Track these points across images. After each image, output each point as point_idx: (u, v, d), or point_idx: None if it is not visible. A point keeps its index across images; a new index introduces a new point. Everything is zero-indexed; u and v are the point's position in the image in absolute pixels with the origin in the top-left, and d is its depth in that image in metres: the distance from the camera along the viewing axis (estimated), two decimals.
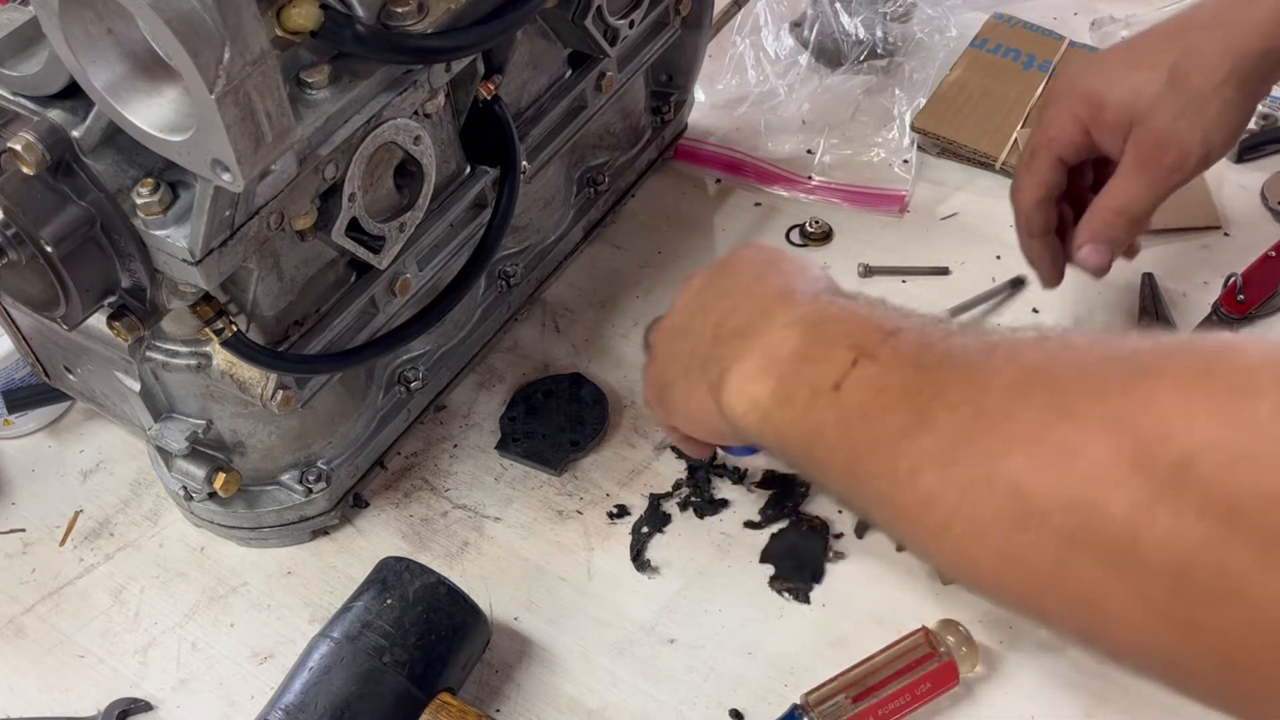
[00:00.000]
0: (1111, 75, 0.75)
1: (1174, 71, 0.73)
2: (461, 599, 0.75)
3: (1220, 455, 0.40)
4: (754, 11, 1.16)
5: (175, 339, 0.74)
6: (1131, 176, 0.76)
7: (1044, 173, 0.79)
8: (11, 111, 0.63)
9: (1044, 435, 0.45)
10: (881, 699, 0.71)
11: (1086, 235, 0.79)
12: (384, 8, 0.67)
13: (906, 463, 0.50)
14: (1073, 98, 0.77)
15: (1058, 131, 0.77)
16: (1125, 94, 0.74)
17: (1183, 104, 0.73)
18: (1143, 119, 0.74)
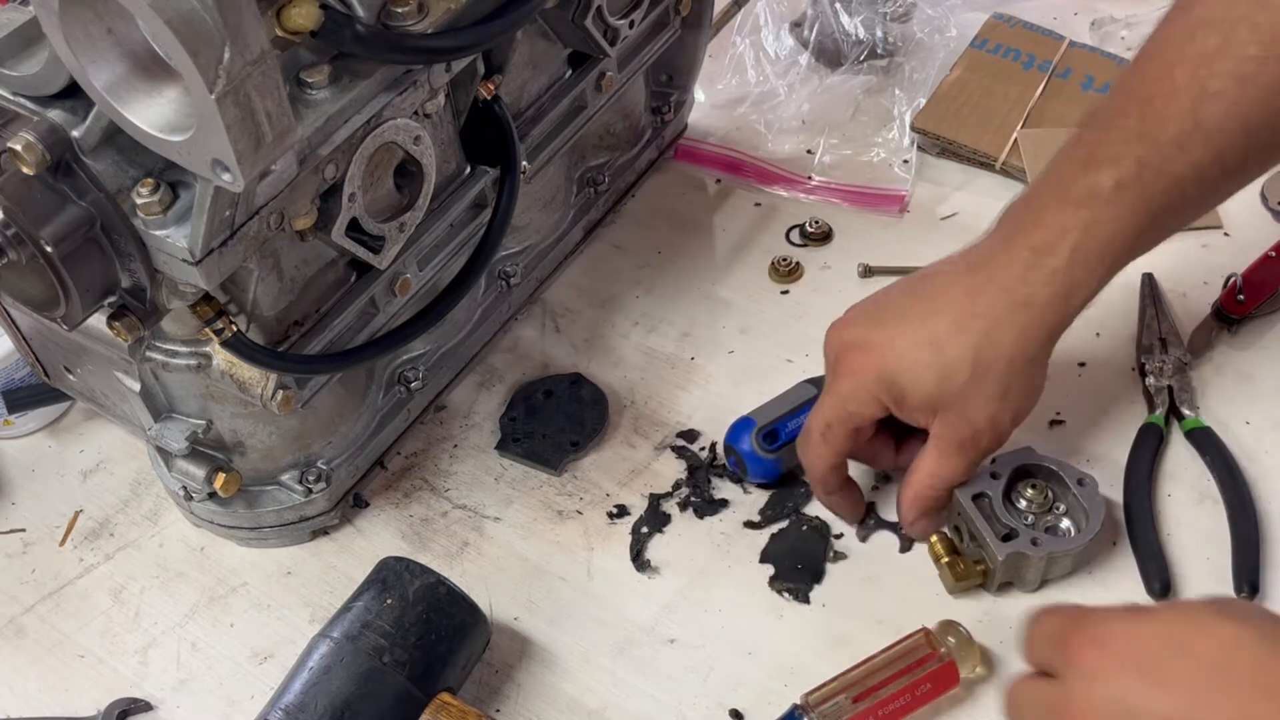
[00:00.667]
0: (914, 359, 0.74)
1: (977, 362, 0.73)
2: (461, 599, 0.75)
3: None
4: (754, 11, 1.16)
5: (175, 339, 0.74)
6: (949, 457, 0.76)
7: (840, 443, 0.78)
8: (11, 111, 0.63)
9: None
10: (882, 699, 0.71)
11: (915, 511, 0.79)
12: (384, 8, 0.67)
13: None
14: (872, 379, 0.75)
15: (857, 408, 0.76)
16: (930, 385, 0.74)
17: (987, 391, 0.73)
18: (950, 407, 0.74)
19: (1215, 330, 0.92)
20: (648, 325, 0.98)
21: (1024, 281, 0.73)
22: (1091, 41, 1.15)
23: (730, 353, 0.95)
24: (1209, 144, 0.70)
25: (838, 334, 0.80)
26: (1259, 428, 0.86)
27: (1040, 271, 0.72)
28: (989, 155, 1.05)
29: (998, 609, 0.78)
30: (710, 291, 1.00)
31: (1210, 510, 0.82)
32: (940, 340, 0.74)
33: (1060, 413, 0.88)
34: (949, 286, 0.76)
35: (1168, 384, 0.87)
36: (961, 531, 0.79)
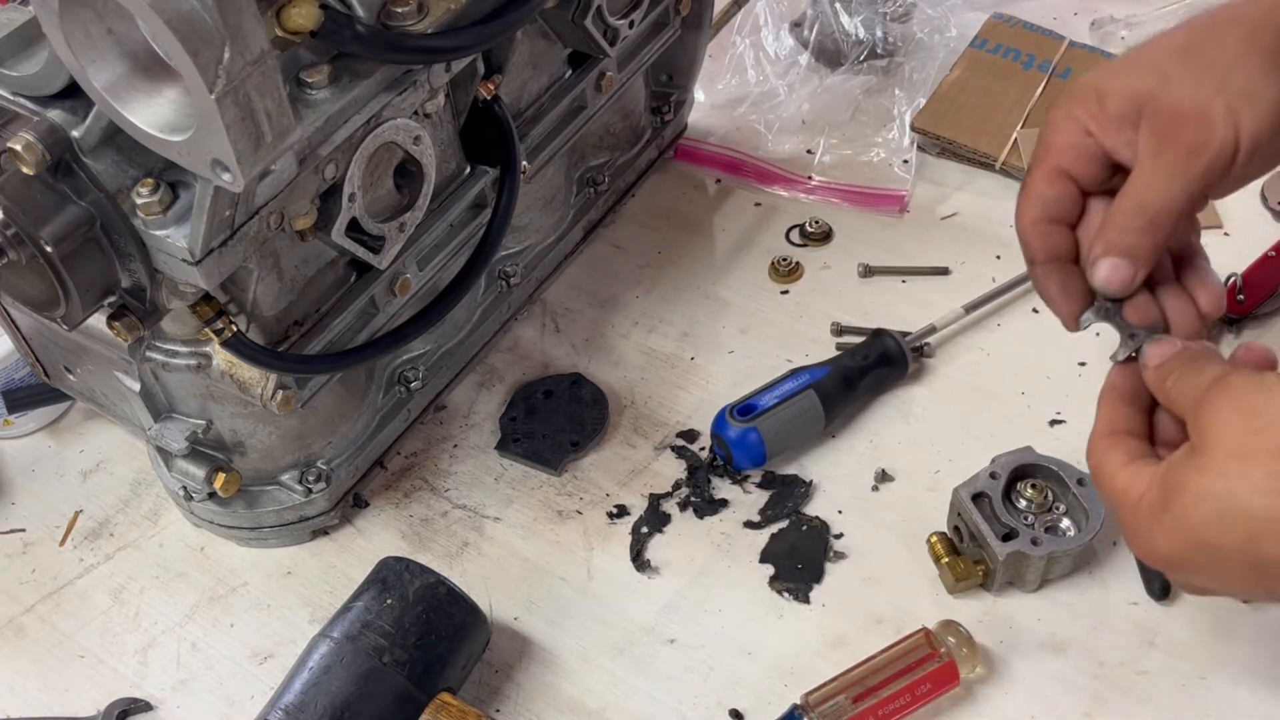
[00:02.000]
0: (1114, 67, 0.65)
1: (1188, 49, 0.62)
2: (461, 599, 0.75)
3: None
4: (754, 11, 1.16)
5: (175, 339, 0.74)
6: (1147, 164, 0.62)
7: (1040, 187, 0.66)
8: (11, 111, 0.63)
9: None
10: (882, 699, 0.71)
11: (1101, 248, 0.64)
12: (384, 8, 0.67)
13: None
14: (1069, 98, 0.66)
15: (1054, 137, 0.66)
16: (1130, 79, 0.63)
17: (1199, 75, 0.61)
18: (1154, 97, 0.62)
19: (1215, 330, 0.92)
20: (648, 325, 0.98)
21: (1227, 6, 0.63)
22: (1091, 41, 1.15)
23: (730, 353, 0.95)
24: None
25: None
26: None
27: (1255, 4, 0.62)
28: (989, 155, 1.05)
29: (998, 609, 0.78)
30: (710, 291, 1.00)
31: None
32: (1148, 45, 0.64)
33: (1060, 413, 0.88)
34: (1159, 35, 0.65)
35: None
36: (961, 531, 0.79)
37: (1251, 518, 0.54)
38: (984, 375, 0.91)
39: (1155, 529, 0.58)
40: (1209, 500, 0.56)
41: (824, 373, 0.87)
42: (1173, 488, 0.58)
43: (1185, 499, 0.57)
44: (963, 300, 0.94)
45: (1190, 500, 0.56)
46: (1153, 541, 0.59)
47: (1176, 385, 0.61)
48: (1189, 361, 0.62)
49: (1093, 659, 0.76)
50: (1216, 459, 0.56)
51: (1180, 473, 0.58)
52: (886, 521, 0.84)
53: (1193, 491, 0.56)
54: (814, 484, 0.86)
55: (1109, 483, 0.62)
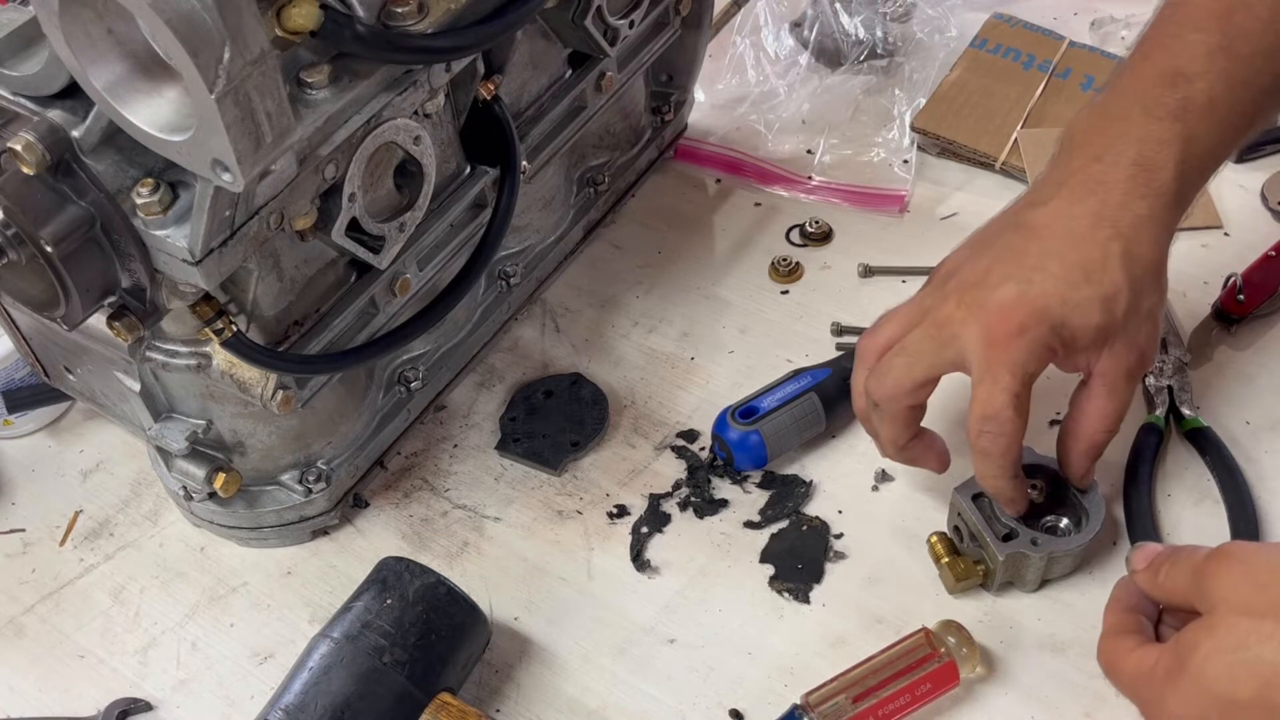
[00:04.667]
0: (1077, 298, 0.71)
1: (1132, 283, 0.71)
2: (461, 599, 0.75)
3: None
4: (754, 11, 1.16)
5: (175, 339, 0.74)
6: (1120, 392, 0.74)
7: (1028, 412, 0.73)
8: (11, 111, 0.63)
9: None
10: (882, 699, 0.71)
11: (1087, 462, 0.76)
12: (384, 8, 0.67)
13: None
14: (1045, 332, 0.71)
15: (1037, 368, 0.72)
16: (1099, 318, 0.71)
17: (1148, 308, 0.72)
18: (1118, 336, 0.72)
19: (1215, 330, 0.92)
20: (648, 325, 0.98)
21: (1139, 196, 0.72)
22: (1091, 41, 1.15)
23: (730, 353, 0.95)
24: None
25: (987, 298, 0.72)
26: (1259, 428, 0.86)
27: (1151, 186, 0.72)
28: (989, 155, 1.05)
29: (998, 609, 0.78)
30: (710, 291, 1.00)
31: (1210, 510, 0.82)
32: (1091, 270, 0.71)
33: (1060, 413, 0.88)
34: (1068, 219, 0.73)
35: (1168, 384, 0.87)
36: (961, 531, 0.79)
37: (1266, 665, 0.57)
38: None
39: (1171, 692, 0.61)
40: (1222, 655, 0.59)
41: (825, 374, 0.87)
42: (1186, 649, 0.61)
43: (1198, 657, 0.60)
44: None
45: (1203, 657, 0.60)
46: (1167, 705, 0.61)
47: (1170, 572, 0.66)
48: (1175, 551, 0.67)
49: (1093, 659, 0.75)
50: (1226, 617, 0.60)
51: (1191, 636, 0.61)
52: (886, 521, 0.84)
53: (1205, 649, 0.60)
54: (814, 484, 0.86)
55: (1123, 665, 0.66)
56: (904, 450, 0.79)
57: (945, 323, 0.73)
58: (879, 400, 0.77)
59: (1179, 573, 0.65)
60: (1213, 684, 0.59)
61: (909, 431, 0.78)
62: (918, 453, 0.79)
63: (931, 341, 0.74)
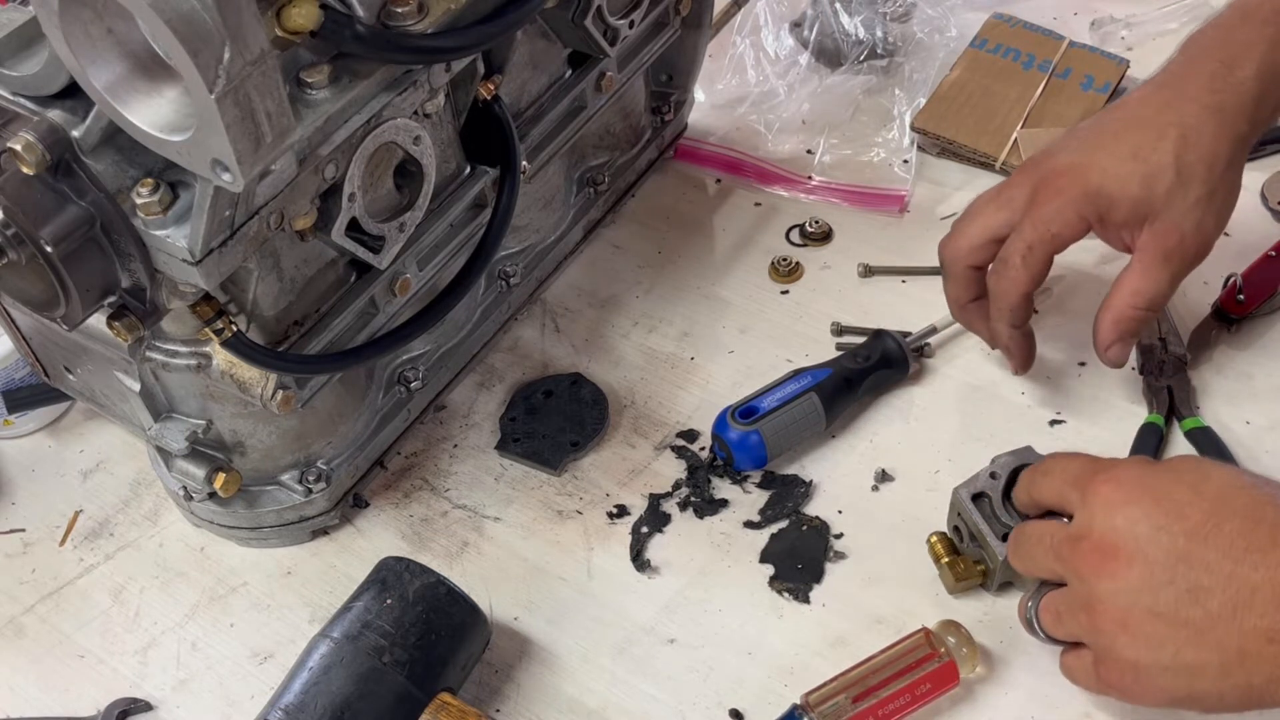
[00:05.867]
0: (1118, 170, 0.75)
1: (1180, 164, 0.74)
2: (461, 599, 0.75)
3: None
4: (754, 11, 1.16)
5: (175, 339, 0.74)
6: (1154, 271, 0.76)
7: (1038, 268, 0.78)
8: (11, 111, 0.63)
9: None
10: (881, 699, 0.71)
11: (1114, 334, 0.78)
12: (384, 8, 0.67)
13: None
14: (1078, 195, 0.75)
15: (1062, 228, 0.76)
16: (1136, 191, 0.74)
17: (1193, 194, 0.74)
18: (1159, 214, 0.74)
19: (1215, 330, 0.92)
20: (648, 325, 0.98)
21: (1212, 90, 0.74)
22: (1091, 41, 1.15)
23: (730, 353, 0.95)
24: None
25: (1034, 165, 0.79)
26: (1259, 428, 0.86)
27: (1229, 80, 0.74)
28: (989, 155, 1.05)
29: (998, 609, 0.78)
30: (710, 291, 1.00)
31: None
32: (1141, 149, 0.74)
33: (1060, 413, 0.88)
34: (1141, 104, 0.77)
35: (1168, 384, 0.87)
36: (961, 531, 0.79)
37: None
38: (984, 375, 0.91)
39: None
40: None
41: (825, 374, 0.87)
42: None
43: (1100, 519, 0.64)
44: None
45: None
46: None
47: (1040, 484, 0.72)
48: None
49: None
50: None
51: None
52: (886, 521, 0.84)
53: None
54: (814, 484, 0.86)
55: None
56: (963, 311, 0.85)
57: (1007, 187, 0.80)
58: (942, 259, 0.83)
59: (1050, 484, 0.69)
60: None
61: (968, 292, 0.83)
62: (975, 317, 0.84)
63: (992, 204, 0.80)
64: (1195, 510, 0.61)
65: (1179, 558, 0.60)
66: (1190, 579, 0.60)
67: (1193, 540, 0.60)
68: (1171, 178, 0.74)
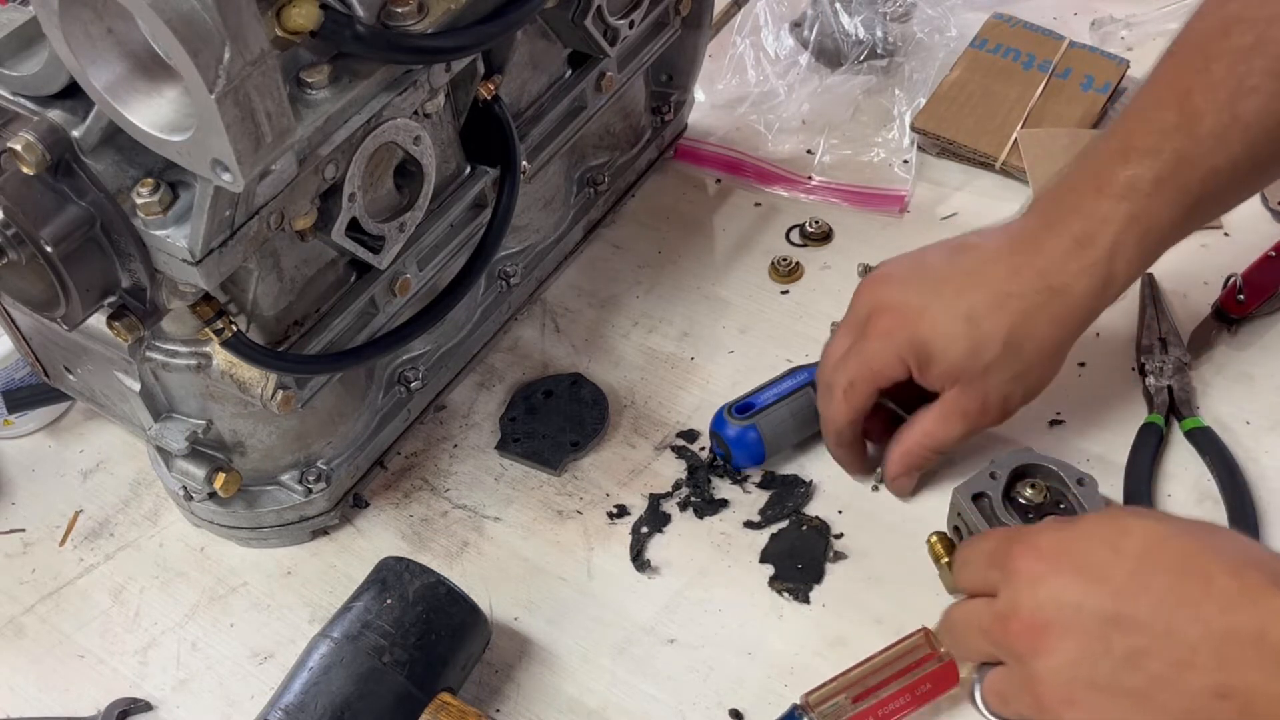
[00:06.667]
0: (948, 329, 0.75)
1: (1008, 343, 0.74)
2: (461, 599, 0.75)
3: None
4: (754, 11, 1.16)
5: (175, 339, 0.74)
6: (950, 421, 0.78)
7: (861, 401, 0.80)
8: (11, 111, 0.63)
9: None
10: (881, 699, 0.71)
11: (900, 468, 0.82)
12: (384, 8, 0.67)
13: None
14: (903, 341, 0.76)
15: (881, 368, 0.78)
16: (958, 355, 0.75)
17: (1014, 372, 0.75)
18: (970, 380, 0.76)
19: (1215, 330, 0.92)
20: (648, 325, 0.98)
21: (1063, 270, 0.74)
22: (1091, 41, 1.15)
23: (730, 353, 0.95)
24: (1245, 138, 0.71)
25: (873, 291, 0.80)
26: (1259, 428, 0.86)
27: (1080, 261, 0.73)
28: (989, 155, 1.05)
29: None
30: (710, 291, 1.00)
31: (1210, 510, 0.82)
32: (977, 315, 0.75)
33: (1060, 413, 0.88)
34: (990, 262, 0.76)
35: (1168, 384, 0.87)
36: (961, 531, 0.79)
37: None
38: None
39: None
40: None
41: None
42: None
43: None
44: None
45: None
46: None
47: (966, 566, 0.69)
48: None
49: None
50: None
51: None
52: (886, 521, 0.84)
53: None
54: (814, 484, 0.86)
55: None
56: (836, 450, 0.85)
57: (851, 310, 0.81)
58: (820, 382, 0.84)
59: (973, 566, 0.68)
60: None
61: (849, 440, 0.84)
62: (846, 458, 0.85)
63: (841, 329, 0.82)
64: (1118, 570, 0.58)
65: (1109, 623, 0.57)
66: (1125, 644, 0.57)
67: (1121, 601, 0.57)
68: (996, 352, 0.74)
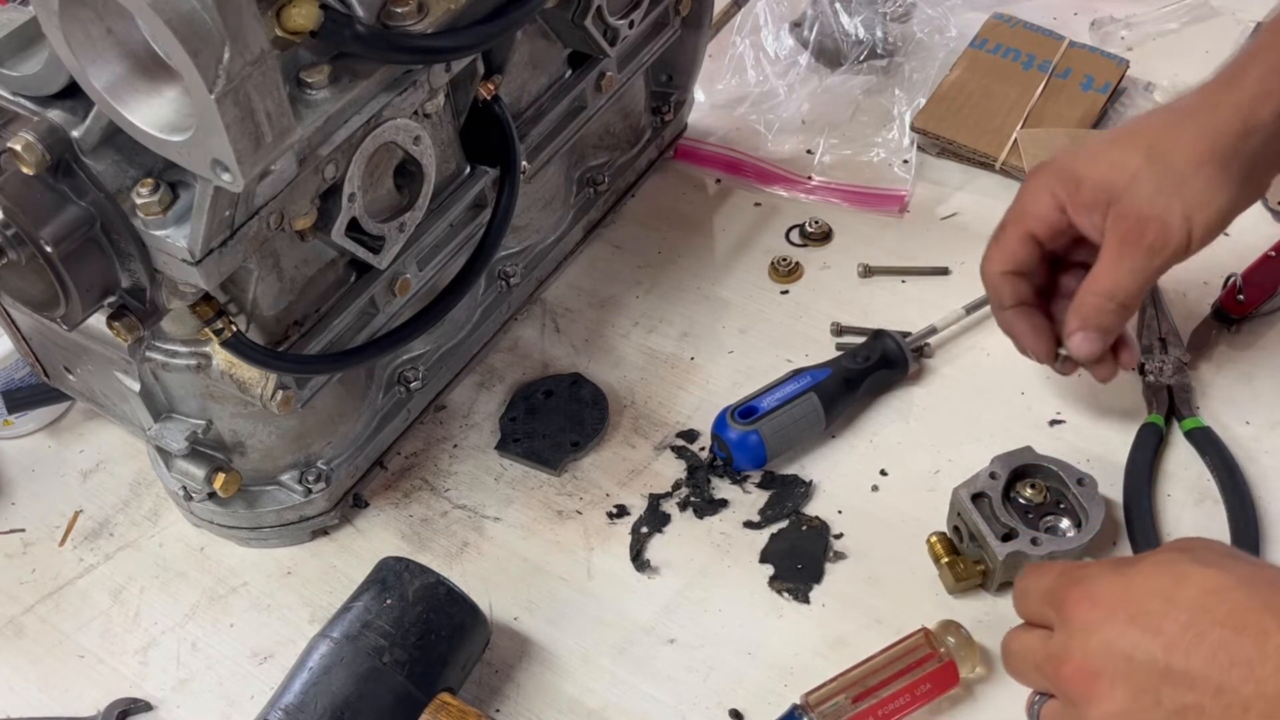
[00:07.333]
0: (1092, 150, 0.75)
1: (1152, 149, 0.73)
2: (461, 599, 0.75)
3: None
4: (754, 11, 1.16)
5: (175, 339, 0.74)
6: (1114, 258, 0.74)
7: (1011, 246, 0.78)
8: (11, 111, 0.63)
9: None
10: (881, 699, 0.71)
11: (1075, 323, 0.77)
12: (384, 8, 0.67)
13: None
14: (1049, 174, 0.76)
15: (1030, 206, 0.77)
16: (1103, 170, 0.74)
17: (1160, 179, 0.72)
18: (1120, 196, 0.73)
19: (1215, 330, 0.92)
20: (648, 325, 0.98)
21: (1205, 100, 0.74)
22: (1091, 41, 1.15)
23: (730, 353, 0.95)
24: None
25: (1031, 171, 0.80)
26: (1259, 428, 0.86)
27: (1223, 88, 0.73)
28: (989, 155, 1.05)
29: (998, 609, 0.78)
30: (710, 291, 1.00)
31: (1210, 510, 0.82)
32: (1122, 134, 0.76)
33: (1060, 413, 0.88)
34: (1150, 111, 0.78)
35: (1168, 384, 0.87)
36: (961, 531, 0.79)
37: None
38: (984, 375, 0.91)
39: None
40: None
41: (825, 374, 0.87)
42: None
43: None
44: (963, 300, 0.94)
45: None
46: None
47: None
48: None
49: None
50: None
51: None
52: (886, 521, 0.84)
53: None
54: (814, 484, 0.86)
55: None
56: (1000, 315, 0.82)
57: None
58: (980, 270, 0.83)
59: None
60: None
61: (1005, 298, 0.81)
62: (1012, 321, 0.82)
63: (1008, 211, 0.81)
64: (1172, 622, 0.57)
65: (1160, 676, 0.56)
66: (1176, 699, 0.56)
67: (1173, 654, 0.56)
68: (1140, 160, 0.73)
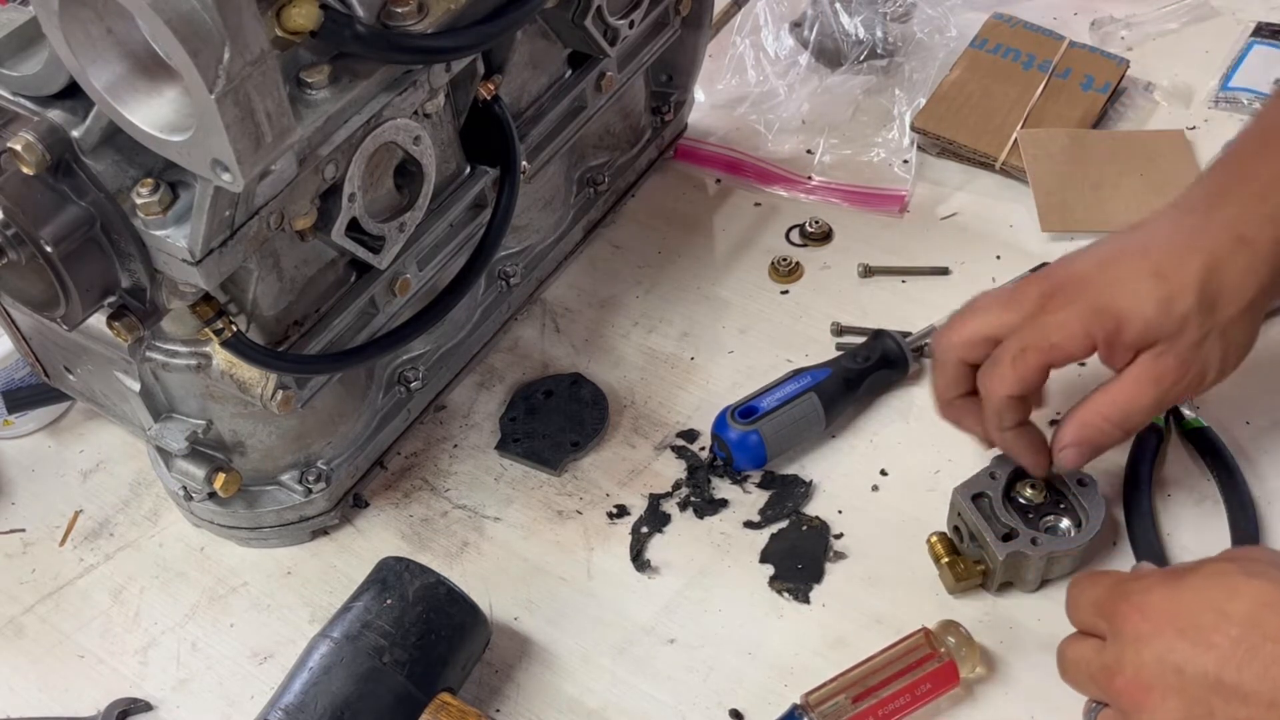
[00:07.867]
0: (1136, 287, 0.69)
1: (1203, 291, 0.68)
2: (461, 599, 0.75)
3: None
4: (754, 11, 1.16)
5: (175, 339, 0.74)
6: (1136, 389, 0.71)
7: (1029, 374, 0.73)
8: (11, 111, 0.63)
9: None
10: (881, 699, 0.71)
11: (1073, 438, 0.74)
12: (384, 8, 0.67)
13: None
14: (1087, 309, 0.70)
15: (1061, 340, 0.71)
16: (1150, 313, 0.69)
17: (1208, 326, 0.69)
18: (1165, 338, 0.69)
19: None
20: (648, 325, 0.98)
21: (1242, 221, 0.69)
22: (1091, 41, 1.15)
23: (730, 353, 0.95)
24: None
25: (1051, 273, 0.74)
26: (1259, 428, 0.86)
27: (1259, 213, 0.69)
28: (989, 155, 1.05)
29: (998, 609, 0.78)
30: (710, 291, 1.00)
31: (1210, 510, 0.82)
32: (1165, 270, 0.69)
33: (1060, 412, 0.88)
34: (1166, 226, 0.72)
35: None
36: (961, 531, 0.79)
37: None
38: None
39: None
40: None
41: (825, 374, 0.87)
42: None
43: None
44: (963, 300, 0.94)
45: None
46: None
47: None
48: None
49: None
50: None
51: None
52: (886, 521, 0.84)
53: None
54: (814, 484, 0.86)
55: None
56: (948, 406, 0.78)
57: (1017, 290, 0.74)
58: (934, 349, 0.78)
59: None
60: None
61: (955, 387, 0.77)
62: (962, 413, 0.78)
63: (996, 304, 0.75)
64: (1223, 636, 0.58)
65: (1212, 689, 0.57)
66: (1228, 712, 0.57)
67: (1225, 668, 0.57)
68: (1191, 303, 0.68)
